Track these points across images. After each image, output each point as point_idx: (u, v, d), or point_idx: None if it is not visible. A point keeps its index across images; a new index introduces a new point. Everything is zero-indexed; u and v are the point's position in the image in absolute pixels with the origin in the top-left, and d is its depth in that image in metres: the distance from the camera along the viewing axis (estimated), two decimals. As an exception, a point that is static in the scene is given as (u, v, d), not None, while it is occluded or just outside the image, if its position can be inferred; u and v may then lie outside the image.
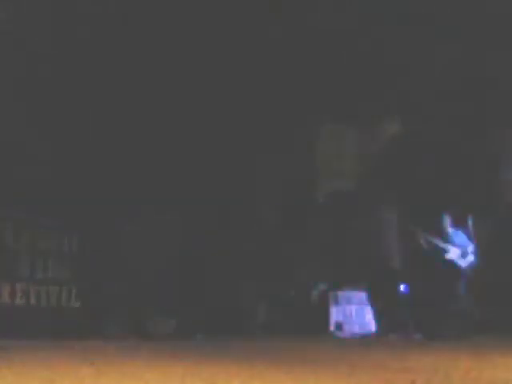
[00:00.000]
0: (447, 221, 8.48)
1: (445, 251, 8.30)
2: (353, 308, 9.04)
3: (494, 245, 8.54)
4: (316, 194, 10.94)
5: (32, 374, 3.21)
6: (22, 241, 8.53)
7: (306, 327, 8.80)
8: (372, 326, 9.05)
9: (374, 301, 9.16)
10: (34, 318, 8.30)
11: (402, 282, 9.49)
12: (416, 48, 9.57)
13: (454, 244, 8.37)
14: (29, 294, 8.46)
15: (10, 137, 9.02)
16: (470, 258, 8.27)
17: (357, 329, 8.70)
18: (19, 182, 8.88)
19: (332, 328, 8.76)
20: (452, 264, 8.27)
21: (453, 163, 9.72)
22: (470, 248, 8.29)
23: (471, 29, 9.15)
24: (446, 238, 8.40)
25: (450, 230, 8.48)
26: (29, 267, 8.56)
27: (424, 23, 9.37)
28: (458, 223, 8.45)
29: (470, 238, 8.32)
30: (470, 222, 8.26)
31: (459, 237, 8.42)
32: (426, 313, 7.47)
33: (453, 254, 8.32)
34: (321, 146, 11.07)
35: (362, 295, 9.32)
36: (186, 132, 10.35)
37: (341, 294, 8.98)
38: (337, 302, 8.97)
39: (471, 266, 8.24)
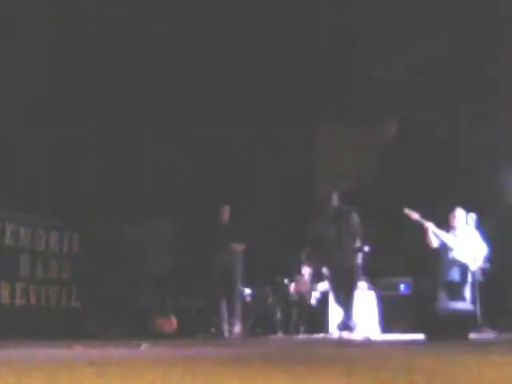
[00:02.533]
0: (462, 216, 8.21)
1: (452, 249, 8.08)
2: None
3: (495, 244, 8.49)
4: (316, 194, 10.92)
5: (32, 373, 3.20)
6: (22, 241, 8.53)
7: (307, 327, 8.81)
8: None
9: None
10: (34, 317, 8.30)
11: (402, 282, 9.50)
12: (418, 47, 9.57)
13: (463, 242, 8.15)
14: (29, 293, 8.46)
15: (11, 137, 9.02)
16: (481, 259, 8.06)
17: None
18: (19, 182, 8.89)
19: (332, 328, 8.75)
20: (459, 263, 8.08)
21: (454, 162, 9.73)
22: (481, 248, 8.09)
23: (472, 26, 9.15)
24: (456, 236, 8.17)
25: (462, 227, 8.24)
26: (29, 267, 8.57)
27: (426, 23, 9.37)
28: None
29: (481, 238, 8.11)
30: (472, 220, 8.12)
31: (470, 235, 8.21)
32: (429, 311, 7.44)
33: (461, 252, 8.10)
34: (321, 145, 11.07)
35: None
36: (185, 132, 10.35)
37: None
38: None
39: (482, 267, 8.03)
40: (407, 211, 7.93)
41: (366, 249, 8.11)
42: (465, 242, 8.08)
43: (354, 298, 7.97)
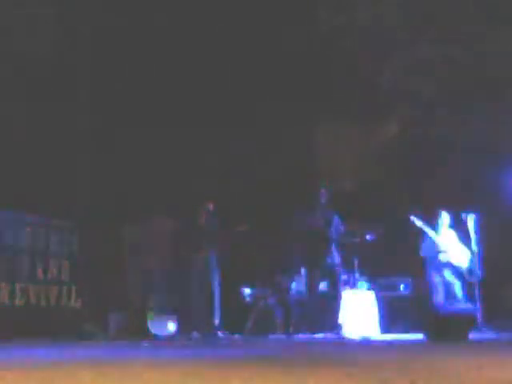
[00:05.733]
0: (446, 219, 8.40)
1: (443, 251, 8.23)
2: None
3: (495, 244, 8.51)
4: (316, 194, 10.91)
5: (32, 373, 3.21)
6: (22, 241, 8.52)
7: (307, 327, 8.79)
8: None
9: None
10: (34, 317, 8.29)
11: (402, 282, 9.48)
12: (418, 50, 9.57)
13: (451, 245, 8.31)
14: (29, 293, 8.45)
15: (11, 137, 9.02)
16: (470, 259, 8.17)
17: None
18: (19, 181, 8.88)
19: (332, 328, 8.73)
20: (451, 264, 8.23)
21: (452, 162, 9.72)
22: (470, 249, 8.20)
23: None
24: (445, 238, 8.33)
25: (449, 229, 8.41)
26: (29, 267, 8.55)
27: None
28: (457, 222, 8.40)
29: (469, 239, 8.21)
30: (471, 221, 8.18)
31: (455, 237, 8.36)
32: (429, 311, 7.46)
33: (451, 254, 8.25)
34: (320, 145, 11.07)
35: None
36: (185, 133, 10.35)
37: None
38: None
39: (472, 268, 8.13)
40: (413, 219, 8.14)
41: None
42: (453, 244, 8.23)
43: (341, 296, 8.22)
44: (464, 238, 8.32)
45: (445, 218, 8.45)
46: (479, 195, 8.93)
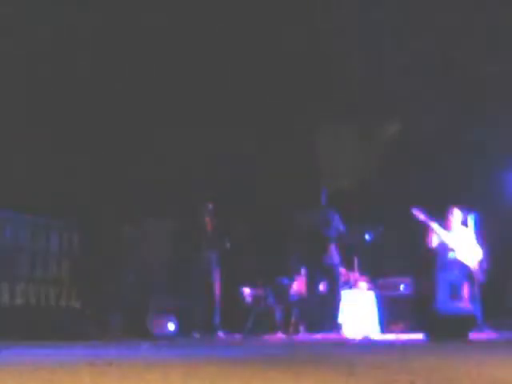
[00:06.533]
0: (458, 216, 8.26)
1: (453, 250, 8.12)
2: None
3: (495, 244, 8.49)
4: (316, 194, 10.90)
5: (32, 374, 3.21)
6: (22, 241, 8.53)
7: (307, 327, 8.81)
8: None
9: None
10: (34, 317, 8.30)
11: (402, 282, 9.48)
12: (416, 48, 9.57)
13: (462, 243, 8.18)
14: (29, 293, 8.46)
15: (10, 137, 9.02)
16: (478, 258, 8.09)
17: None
18: (19, 181, 8.88)
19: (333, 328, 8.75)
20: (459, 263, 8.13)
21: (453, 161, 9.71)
22: (477, 248, 8.12)
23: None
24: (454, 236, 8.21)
25: (459, 227, 8.28)
26: (29, 267, 8.56)
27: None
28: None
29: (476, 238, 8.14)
30: (471, 221, 8.14)
31: (467, 235, 8.25)
32: (429, 311, 7.46)
33: (461, 253, 8.14)
34: (320, 145, 11.07)
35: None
36: (185, 133, 10.35)
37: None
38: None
39: (480, 267, 8.06)
40: (415, 211, 8.00)
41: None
42: (463, 242, 8.13)
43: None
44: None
45: (456, 214, 8.30)
46: (479, 195, 8.91)
